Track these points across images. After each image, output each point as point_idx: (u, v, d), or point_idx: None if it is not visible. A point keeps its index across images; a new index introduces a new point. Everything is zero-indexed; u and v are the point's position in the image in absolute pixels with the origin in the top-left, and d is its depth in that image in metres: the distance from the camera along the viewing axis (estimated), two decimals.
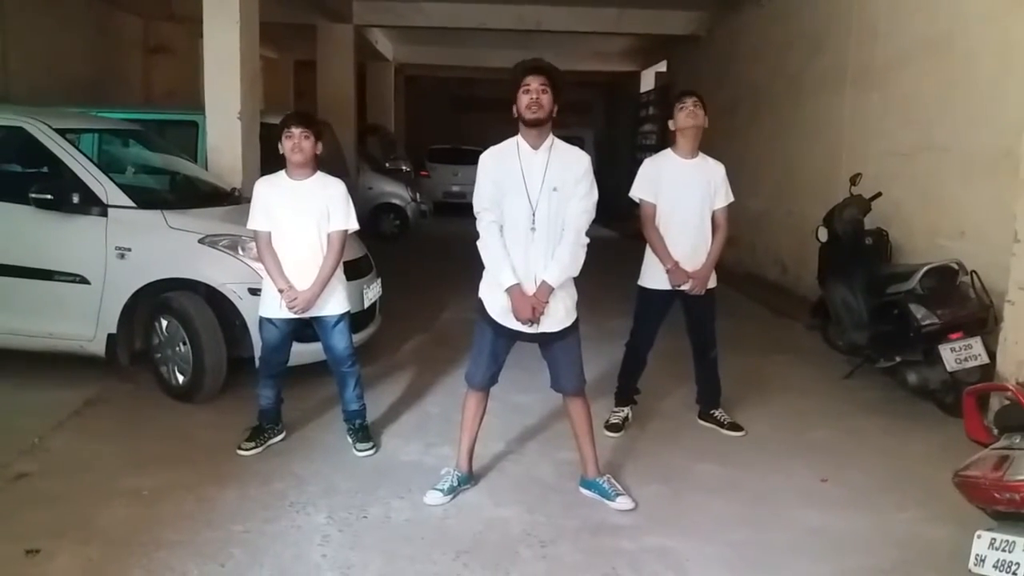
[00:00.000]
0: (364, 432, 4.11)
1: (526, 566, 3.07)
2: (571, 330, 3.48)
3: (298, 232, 3.88)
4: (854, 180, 5.80)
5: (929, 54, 6.03)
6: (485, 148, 3.45)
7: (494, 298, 3.42)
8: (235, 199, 5.75)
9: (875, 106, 6.76)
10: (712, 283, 4.34)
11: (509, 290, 3.30)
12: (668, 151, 4.35)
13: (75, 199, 4.58)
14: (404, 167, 13.60)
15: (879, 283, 5.19)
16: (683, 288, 4.22)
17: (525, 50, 16.77)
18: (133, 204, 4.70)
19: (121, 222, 4.64)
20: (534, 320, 3.32)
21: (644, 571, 3.06)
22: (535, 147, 3.34)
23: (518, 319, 3.32)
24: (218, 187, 5.84)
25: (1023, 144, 4.44)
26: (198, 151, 6.87)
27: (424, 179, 15.44)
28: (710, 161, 4.32)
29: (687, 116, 4.20)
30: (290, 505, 3.47)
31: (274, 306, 3.92)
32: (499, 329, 3.44)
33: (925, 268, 4.86)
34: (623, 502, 3.55)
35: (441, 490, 3.57)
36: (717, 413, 4.57)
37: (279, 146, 3.86)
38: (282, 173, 3.92)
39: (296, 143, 3.79)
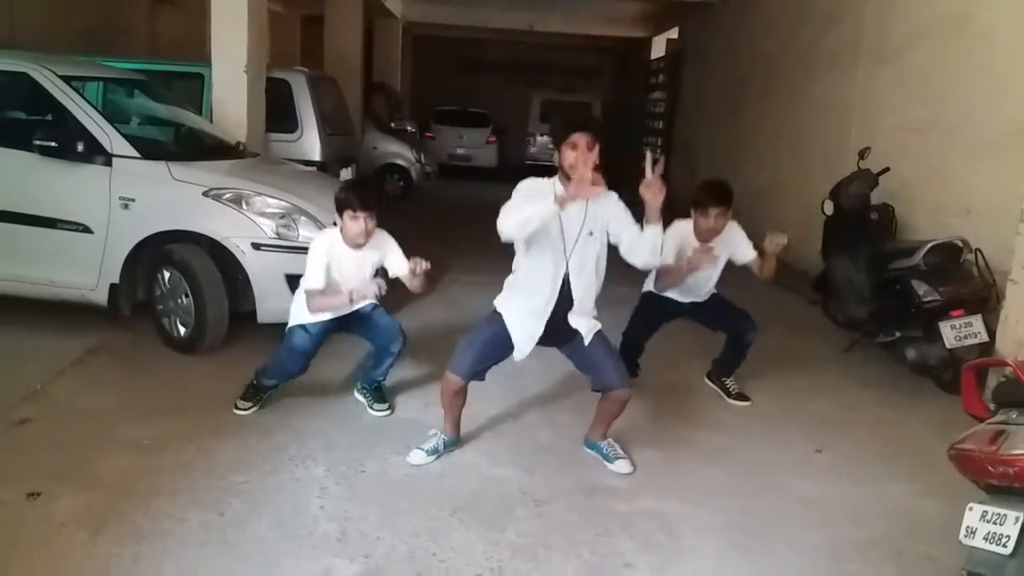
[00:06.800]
0: (380, 393, 4.14)
1: (521, 524, 3.12)
2: (600, 332, 3.50)
3: (351, 285, 3.83)
4: (862, 154, 5.77)
5: (945, 30, 5.94)
6: (491, 110, 3.40)
7: (519, 325, 3.40)
8: (240, 153, 5.73)
9: (887, 81, 6.69)
10: (713, 290, 4.35)
11: (560, 198, 3.06)
12: (690, 229, 4.17)
13: (80, 147, 4.57)
14: (409, 128, 13.47)
15: (883, 258, 5.18)
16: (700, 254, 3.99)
17: (535, 12, 16.44)
18: (138, 154, 4.68)
19: (125, 172, 4.63)
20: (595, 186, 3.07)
21: (637, 532, 3.11)
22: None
23: (580, 192, 3.04)
24: (223, 140, 5.82)
25: None
26: (203, 104, 6.82)
27: (429, 140, 15.31)
28: (730, 232, 4.19)
29: (706, 226, 4.07)
30: (290, 458, 3.51)
31: (309, 313, 3.85)
32: (502, 335, 3.43)
33: (929, 245, 4.85)
34: (621, 465, 3.60)
35: (425, 450, 3.60)
36: (728, 380, 4.59)
37: (337, 219, 3.76)
38: (339, 239, 3.79)
39: (363, 229, 3.72)
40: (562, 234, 3.28)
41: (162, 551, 2.77)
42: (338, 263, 3.80)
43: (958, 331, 4.61)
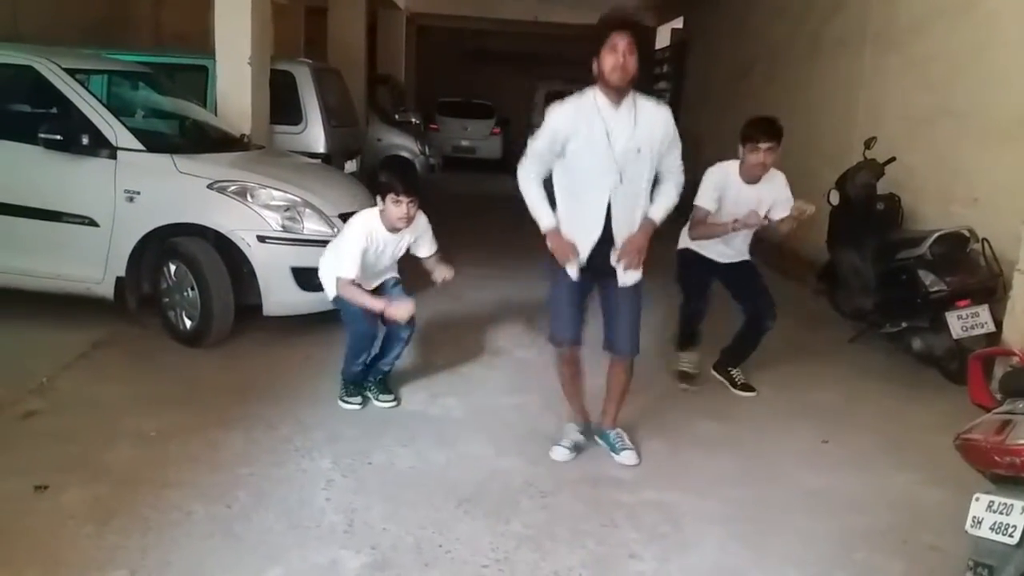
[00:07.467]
0: (385, 385, 4.14)
1: (526, 515, 3.12)
2: (639, 286, 3.46)
3: (384, 265, 3.91)
4: (869, 144, 5.73)
5: (952, 16, 5.90)
6: (496, 102, 3.41)
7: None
8: (245, 145, 5.73)
9: (894, 68, 6.64)
10: (745, 255, 4.35)
11: (547, 232, 3.30)
12: (734, 169, 4.19)
13: (84, 140, 4.57)
14: (413, 119, 13.44)
15: (889, 248, 5.16)
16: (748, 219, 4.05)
17: (540, 2, 16.33)
18: (143, 147, 4.68)
19: (130, 165, 4.63)
20: (573, 259, 3.30)
21: (642, 523, 3.11)
22: (617, 104, 3.22)
23: (560, 260, 3.30)
24: (228, 133, 5.81)
25: None
26: (207, 96, 6.82)
27: (433, 132, 15.29)
28: (775, 180, 4.21)
29: (755, 161, 4.07)
30: (295, 450, 3.52)
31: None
32: (571, 282, 3.39)
33: (936, 234, 4.83)
34: (627, 456, 3.60)
35: (565, 446, 3.60)
36: (734, 371, 4.59)
37: (378, 199, 3.75)
38: (380, 223, 3.79)
39: (405, 214, 3.71)
40: (610, 146, 3.20)
41: (169, 542, 2.78)
42: (374, 244, 3.80)
43: (965, 321, 4.59)
